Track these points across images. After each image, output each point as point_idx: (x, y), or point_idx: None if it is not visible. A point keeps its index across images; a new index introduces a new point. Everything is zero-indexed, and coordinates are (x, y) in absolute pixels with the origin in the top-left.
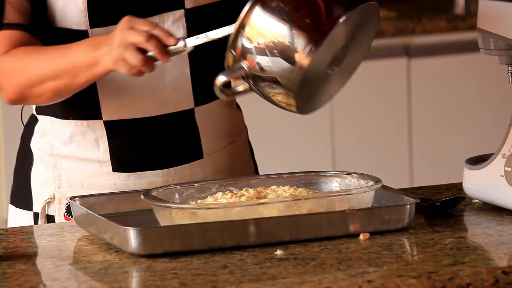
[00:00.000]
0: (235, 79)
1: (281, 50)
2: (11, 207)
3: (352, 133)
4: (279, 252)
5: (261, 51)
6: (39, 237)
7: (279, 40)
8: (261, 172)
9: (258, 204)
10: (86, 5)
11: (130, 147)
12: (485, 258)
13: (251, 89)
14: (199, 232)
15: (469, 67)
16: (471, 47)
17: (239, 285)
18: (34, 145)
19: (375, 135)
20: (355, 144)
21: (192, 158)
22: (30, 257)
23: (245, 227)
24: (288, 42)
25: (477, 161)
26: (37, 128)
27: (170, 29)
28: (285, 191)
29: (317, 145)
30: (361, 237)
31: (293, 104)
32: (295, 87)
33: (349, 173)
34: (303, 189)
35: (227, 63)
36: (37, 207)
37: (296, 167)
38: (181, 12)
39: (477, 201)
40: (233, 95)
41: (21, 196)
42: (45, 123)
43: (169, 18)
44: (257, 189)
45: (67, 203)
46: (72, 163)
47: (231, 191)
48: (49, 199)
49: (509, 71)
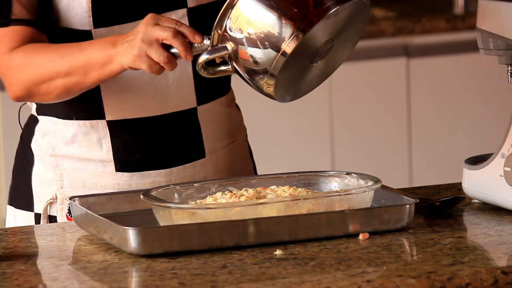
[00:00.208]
0: (219, 59)
1: (266, 35)
2: (10, 208)
3: (351, 133)
4: (278, 252)
5: (245, 35)
6: (39, 237)
7: (265, 25)
8: (260, 172)
9: (257, 204)
10: (90, 5)
11: (133, 146)
12: (485, 258)
13: (233, 70)
14: (198, 232)
15: (469, 67)
16: (470, 47)
17: (238, 285)
18: (34, 145)
19: (375, 135)
20: (355, 144)
21: (194, 157)
22: (29, 257)
23: (245, 227)
24: (273, 28)
25: (477, 161)
26: (38, 128)
27: None
28: (285, 191)
29: (316, 145)
30: (361, 237)
31: (272, 90)
32: (275, 73)
33: (348, 173)
34: (303, 189)
35: (212, 42)
36: (38, 207)
37: (295, 167)
38: (183, 11)
39: (476, 201)
40: (214, 74)
41: (21, 197)
42: (46, 124)
43: (172, 17)
44: (257, 189)
45: (69, 204)
46: (74, 163)
47: (231, 191)
48: (51, 199)
49: (508, 71)
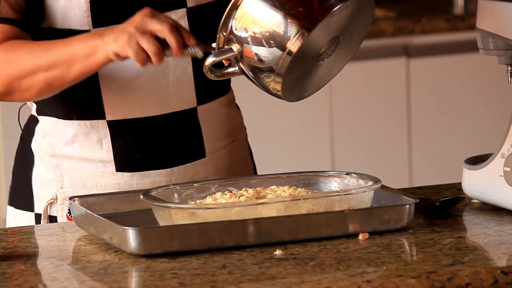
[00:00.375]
0: (226, 61)
1: (271, 35)
2: (10, 208)
3: (351, 133)
4: (278, 252)
5: (251, 35)
6: (39, 237)
7: (270, 25)
8: (260, 172)
9: (257, 204)
10: (88, 5)
11: (133, 146)
12: (484, 258)
13: (240, 72)
14: (198, 232)
15: (468, 67)
16: (470, 47)
17: (238, 285)
18: (35, 146)
19: (374, 135)
20: (354, 144)
21: (194, 157)
22: (29, 257)
23: (244, 227)
24: (278, 27)
25: (476, 161)
26: (38, 128)
27: None
28: (284, 191)
29: (316, 145)
30: (360, 237)
31: (279, 90)
32: (282, 73)
33: (348, 173)
34: (302, 189)
35: (217, 44)
36: (38, 208)
37: (295, 167)
38: (183, 11)
39: (476, 201)
40: (222, 76)
41: (22, 197)
42: (46, 124)
43: (171, 17)
44: (256, 189)
45: (69, 204)
46: (74, 164)
47: (230, 191)
48: (51, 200)
49: (508, 71)
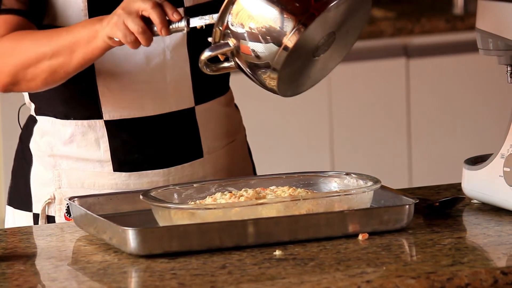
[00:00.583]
0: (221, 55)
1: (267, 30)
2: (9, 209)
3: (351, 134)
4: (278, 252)
5: (247, 30)
6: (38, 238)
7: (266, 20)
8: (259, 172)
9: (257, 204)
10: (86, 4)
11: (131, 146)
12: (484, 258)
13: (236, 66)
14: (198, 232)
15: (468, 68)
16: (470, 47)
17: (238, 285)
18: (33, 146)
19: (374, 136)
20: (354, 144)
21: (192, 157)
22: (29, 257)
23: (244, 228)
24: (275, 22)
25: (476, 161)
26: (36, 128)
27: None
28: (284, 192)
29: (316, 145)
30: (360, 237)
31: (275, 85)
32: (278, 68)
33: (348, 174)
34: (302, 189)
35: (214, 39)
36: (37, 208)
37: (295, 168)
38: (180, 10)
39: (476, 201)
40: (217, 70)
41: (20, 197)
42: (44, 124)
43: None
44: (256, 189)
45: (67, 204)
46: (72, 163)
47: (230, 192)
48: (49, 199)
49: (507, 71)
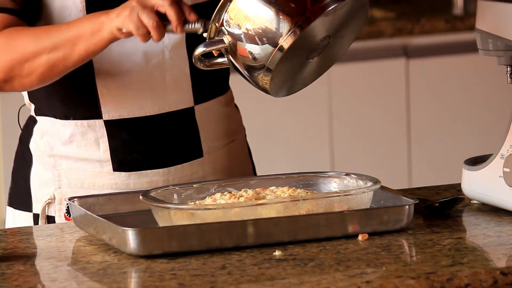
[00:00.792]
0: (215, 51)
1: (263, 30)
2: (9, 209)
3: (350, 134)
4: (277, 252)
5: (243, 29)
6: (38, 238)
7: (263, 20)
8: (259, 172)
9: (256, 204)
10: (84, 4)
11: (130, 146)
12: (484, 258)
13: (229, 64)
14: (197, 232)
15: (468, 68)
16: (469, 47)
17: (237, 285)
18: (33, 146)
19: (374, 136)
20: (354, 144)
21: (192, 157)
22: (28, 257)
23: (244, 228)
24: (271, 23)
25: (476, 161)
26: (36, 129)
27: None
28: (284, 192)
29: (315, 145)
30: (360, 237)
31: (267, 85)
32: (272, 68)
33: (347, 174)
34: (302, 189)
35: (209, 35)
36: (37, 208)
37: (294, 168)
38: None
39: (475, 202)
40: (210, 66)
41: (20, 197)
42: (44, 124)
43: None
44: (256, 190)
45: (67, 204)
46: (72, 163)
47: (230, 192)
48: (49, 200)
49: (507, 71)
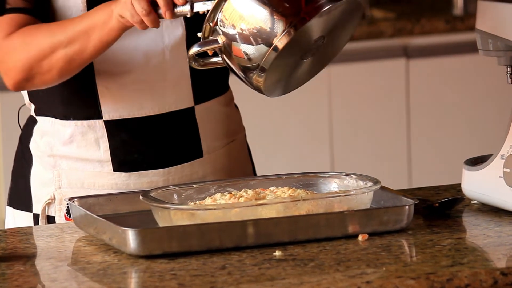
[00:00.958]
0: (210, 51)
1: (258, 30)
2: (9, 209)
3: (350, 134)
4: (277, 253)
5: (237, 29)
6: (38, 238)
7: (257, 20)
8: (259, 173)
9: (256, 205)
10: (85, 4)
11: (130, 146)
12: (484, 259)
13: (224, 63)
14: (197, 233)
15: (468, 68)
16: (469, 48)
17: (237, 286)
18: (33, 146)
19: (374, 136)
20: (354, 145)
21: (192, 157)
22: (29, 258)
23: (244, 228)
24: (265, 23)
25: (476, 162)
26: (36, 129)
27: (168, 27)
28: (284, 192)
29: (316, 146)
30: (360, 238)
31: (261, 84)
32: (266, 68)
33: (347, 174)
34: (302, 190)
35: (203, 34)
36: (37, 208)
37: (294, 168)
38: None
39: (475, 202)
40: (205, 65)
41: (20, 197)
42: (44, 124)
43: None
44: (256, 190)
45: (67, 204)
46: (72, 164)
47: (230, 192)
48: (49, 200)
49: (507, 72)
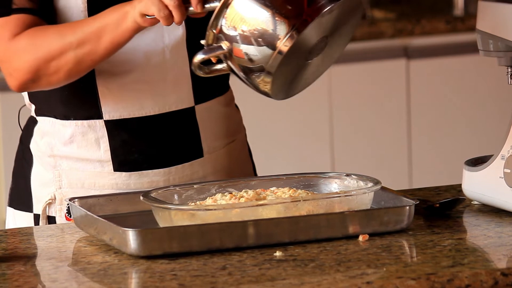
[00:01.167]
0: (215, 58)
1: (261, 34)
2: (10, 210)
3: (351, 134)
4: (278, 253)
5: (240, 34)
6: (38, 238)
7: (260, 24)
8: (259, 173)
9: (257, 205)
10: (86, 5)
11: (131, 146)
12: (484, 259)
13: (229, 69)
14: (198, 233)
15: (468, 69)
16: (470, 48)
17: (238, 286)
18: (33, 146)
19: (374, 137)
20: (354, 145)
21: (192, 156)
22: (29, 258)
23: (244, 229)
24: (268, 27)
25: (476, 162)
26: (37, 129)
27: (168, 27)
28: (285, 193)
29: (316, 146)
30: (360, 238)
31: (268, 88)
32: (272, 72)
33: (348, 175)
34: (303, 190)
35: (207, 42)
36: (37, 208)
37: (295, 169)
38: None
39: (476, 202)
40: (210, 72)
41: (21, 198)
42: (44, 125)
43: None
44: (256, 190)
45: (68, 204)
46: (72, 164)
47: (230, 193)
48: (49, 200)
49: (508, 72)
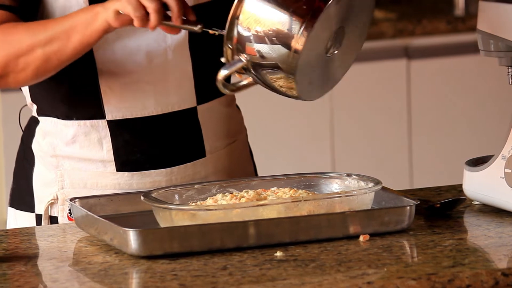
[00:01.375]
0: (238, 73)
1: (275, 35)
2: (11, 210)
3: (352, 135)
4: (278, 253)
5: (255, 39)
6: (39, 238)
7: (272, 25)
8: (260, 173)
9: (258, 205)
10: (87, 3)
11: (133, 146)
12: (485, 259)
13: (253, 79)
14: (198, 233)
15: (469, 69)
16: (471, 48)
17: (238, 286)
18: (35, 146)
19: (375, 137)
20: (355, 145)
21: (194, 157)
22: (30, 258)
23: (245, 229)
24: (281, 26)
25: (477, 162)
26: (38, 129)
27: None
28: (285, 193)
29: (317, 146)
30: (361, 238)
31: (294, 89)
32: (294, 72)
33: (349, 175)
34: (303, 190)
35: (226, 58)
36: (39, 208)
37: (296, 169)
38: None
39: (477, 202)
40: (237, 89)
41: (22, 198)
42: (46, 125)
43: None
44: (257, 190)
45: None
46: (75, 164)
47: (231, 193)
48: (52, 200)
49: (509, 72)
